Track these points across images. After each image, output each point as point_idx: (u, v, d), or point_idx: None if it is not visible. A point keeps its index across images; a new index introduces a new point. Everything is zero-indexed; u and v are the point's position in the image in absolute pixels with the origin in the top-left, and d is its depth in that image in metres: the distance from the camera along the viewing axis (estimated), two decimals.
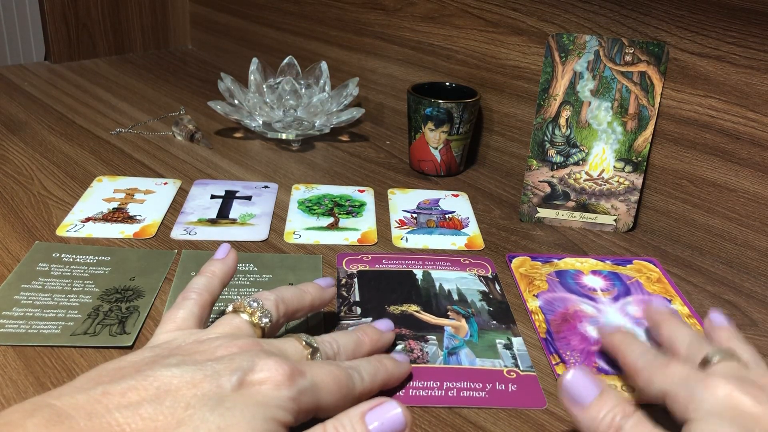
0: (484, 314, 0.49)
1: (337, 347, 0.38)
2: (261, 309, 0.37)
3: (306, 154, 0.76)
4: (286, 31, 0.97)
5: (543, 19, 0.66)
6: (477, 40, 0.73)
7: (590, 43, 0.60)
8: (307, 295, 0.41)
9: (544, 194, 0.64)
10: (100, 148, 0.74)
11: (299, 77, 0.81)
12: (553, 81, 0.61)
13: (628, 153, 0.61)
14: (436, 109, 0.68)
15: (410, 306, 0.50)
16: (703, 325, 0.50)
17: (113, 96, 0.91)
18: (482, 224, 0.63)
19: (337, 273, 0.53)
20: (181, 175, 0.69)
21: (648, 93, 0.60)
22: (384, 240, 0.59)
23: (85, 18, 1.03)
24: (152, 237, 0.57)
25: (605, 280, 0.54)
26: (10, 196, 0.62)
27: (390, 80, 0.84)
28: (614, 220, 0.63)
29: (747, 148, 0.56)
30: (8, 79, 0.94)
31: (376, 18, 0.83)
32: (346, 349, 0.39)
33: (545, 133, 0.63)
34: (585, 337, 0.47)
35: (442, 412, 0.40)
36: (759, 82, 0.54)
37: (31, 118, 0.81)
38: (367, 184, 0.69)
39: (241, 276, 0.52)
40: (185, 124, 0.78)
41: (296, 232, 0.59)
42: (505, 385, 0.42)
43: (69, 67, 1.01)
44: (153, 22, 1.11)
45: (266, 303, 0.38)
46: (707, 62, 0.56)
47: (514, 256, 0.57)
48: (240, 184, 0.68)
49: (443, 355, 0.45)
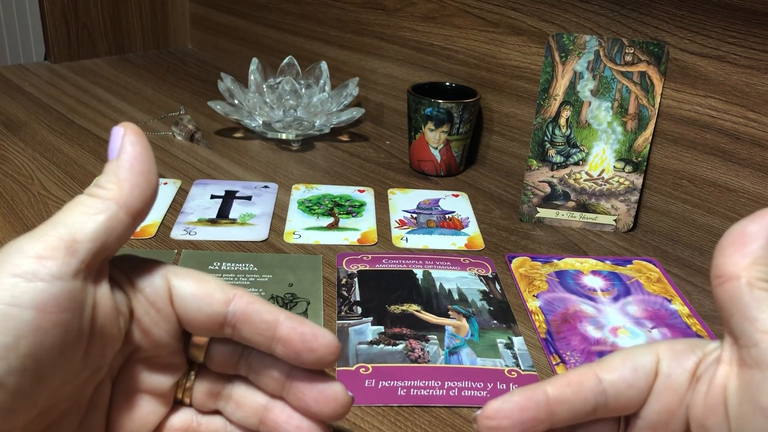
0: (485, 314, 0.49)
1: None
2: None
3: (306, 154, 0.76)
4: (286, 31, 0.97)
5: (543, 19, 0.66)
6: (477, 40, 0.73)
7: (590, 43, 0.60)
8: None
9: (544, 194, 0.64)
10: (100, 148, 0.74)
11: (299, 77, 0.81)
12: (553, 81, 0.61)
13: (628, 153, 0.62)
14: (436, 109, 0.68)
15: (411, 305, 0.50)
16: (703, 324, 0.50)
17: (113, 96, 0.91)
18: (482, 224, 0.63)
19: (337, 273, 0.53)
20: (181, 175, 0.69)
21: (648, 93, 0.60)
22: (384, 240, 0.59)
23: (85, 18, 1.03)
24: (152, 237, 0.57)
25: (605, 280, 0.54)
26: (10, 196, 0.62)
27: (390, 80, 0.84)
28: (614, 220, 0.63)
29: (747, 148, 0.56)
30: (8, 79, 0.94)
31: (376, 18, 0.83)
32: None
33: (545, 133, 0.63)
34: (585, 337, 0.47)
35: (442, 412, 0.40)
36: (759, 82, 0.54)
37: (31, 118, 0.81)
38: (367, 184, 0.69)
39: (241, 276, 0.52)
40: (185, 124, 0.78)
41: (296, 232, 0.59)
42: (506, 384, 0.42)
43: (69, 67, 1.01)
44: (153, 22, 1.11)
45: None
46: (707, 62, 0.56)
47: (514, 256, 0.57)
48: (240, 184, 0.68)
49: (444, 354, 0.45)
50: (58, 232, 0.26)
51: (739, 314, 0.26)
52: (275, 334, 0.30)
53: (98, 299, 0.27)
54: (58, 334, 0.25)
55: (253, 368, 0.32)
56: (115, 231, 0.27)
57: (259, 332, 0.30)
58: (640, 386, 0.28)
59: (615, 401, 0.29)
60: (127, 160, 0.28)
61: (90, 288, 0.27)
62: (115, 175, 0.28)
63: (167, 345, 0.30)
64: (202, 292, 0.29)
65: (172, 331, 0.30)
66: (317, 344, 0.29)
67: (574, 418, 0.29)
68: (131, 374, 0.31)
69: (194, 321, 0.30)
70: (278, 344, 0.30)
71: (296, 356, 0.30)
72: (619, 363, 0.29)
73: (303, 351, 0.29)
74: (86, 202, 0.27)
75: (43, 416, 0.27)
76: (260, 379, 0.32)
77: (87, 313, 0.26)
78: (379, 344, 0.45)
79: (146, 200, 0.28)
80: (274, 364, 0.31)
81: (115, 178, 0.28)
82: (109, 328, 0.28)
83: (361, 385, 0.42)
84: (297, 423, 0.31)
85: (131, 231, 0.28)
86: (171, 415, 0.32)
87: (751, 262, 0.26)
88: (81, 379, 0.28)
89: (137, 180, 0.28)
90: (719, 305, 0.27)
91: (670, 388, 0.28)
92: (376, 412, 0.40)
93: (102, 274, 0.28)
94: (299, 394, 0.31)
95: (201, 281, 0.30)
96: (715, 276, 0.27)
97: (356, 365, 0.43)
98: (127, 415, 0.31)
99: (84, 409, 0.29)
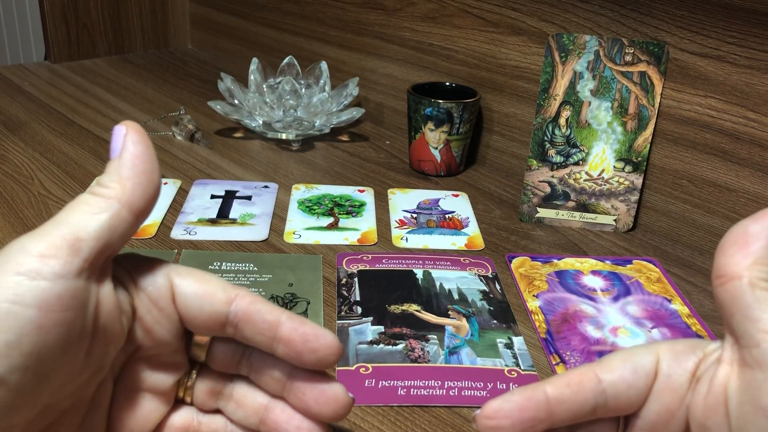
0: (485, 313, 0.49)
1: None
2: None
3: (306, 154, 0.76)
4: (286, 31, 0.97)
5: (543, 19, 0.66)
6: (477, 40, 0.73)
7: (590, 43, 0.60)
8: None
9: (544, 194, 0.64)
10: (100, 148, 0.74)
11: (299, 77, 0.81)
12: (553, 81, 0.61)
13: (628, 153, 0.62)
14: (436, 109, 0.68)
15: (411, 305, 0.50)
16: (703, 324, 0.50)
17: (113, 96, 0.91)
18: (482, 224, 0.63)
19: (337, 272, 0.53)
20: (181, 175, 0.69)
21: (648, 93, 0.60)
22: (384, 240, 0.59)
23: (85, 18, 1.03)
24: (152, 237, 0.57)
25: (605, 280, 0.54)
26: (10, 196, 0.62)
27: (390, 80, 0.84)
28: (614, 220, 0.63)
29: (747, 148, 0.56)
30: (8, 79, 0.94)
31: (376, 18, 0.83)
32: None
33: (545, 133, 0.63)
34: (585, 337, 0.47)
35: (442, 411, 0.40)
36: (759, 82, 0.54)
37: (31, 118, 0.81)
38: (367, 184, 0.69)
39: (241, 276, 0.52)
40: (185, 124, 0.78)
41: (296, 232, 0.59)
42: (506, 384, 0.42)
43: (69, 67, 1.01)
44: (153, 22, 1.11)
45: None
46: (707, 62, 0.56)
47: (514, 256, 0.57)
48: (240, 184, 0.68)
49: (444, 354, 0.45)
50: (61, 231, 0.26)
51: (740, 314, 0.26)
52: (277, 335, 0.30)
53: (101, 298, 0.27)
54: (61, 333, 0.25)
55: (254, 368, 0.32)
56: (118, 229, 0.27)
57: (260, 332, 0.30)
58: (640, 386, 0.28)
59: (615, 401, 0.28)
60: (130, 159, 0.28)
61: (93, 287, 0.27)
62: (117, 174, 0.28)
63: (169, 344, 0.30)
64: (204, 292, 0.29)
65: (173, 330, 0.30)
66: (318, 345, 0.29)
67: (573, 418, 0.29)
68: (133, 373, 0.31)
69: (196, 320, 0.30)
70: (280, 344, 0.30)
71: (297, 356, 0.30)
72: (619, 363, 0.29)
73: (304, 351, 0.29)
74: (89, 201, 0.27)
75: (45, 414, 0.27)
76: (261, 379, 0.32)
77: (90, 311, 0.26)
78: (379, 344, 0.45)
79: (149, 199, 0.28)
80: (275, 364, 0.31)
81: (118, 176, 0.28)
82: (112, 326, 0.28)
83: (361, 384, 0.42)
84: (297, 423, 0.31)
85: (134, 229, 0.28)
86: (172, 414, 0.33)
87: (753, 263, 0.26)
88: (83, 377, 0.28)
89: (140, 179, 0.28)
90: (720, 305, 0.27)
91: (670, 389, 0.28)
92: (376, 411, 0.40)
93: (105, 272, 0.28)
94: (300, 395, 0.31)
95: (203, 280, 0.30)
96: (716, 276, 0.27)
97: (356, 365, 0.43)
98: (129, 413, 0.31)
99: (85, 407, 0.29)
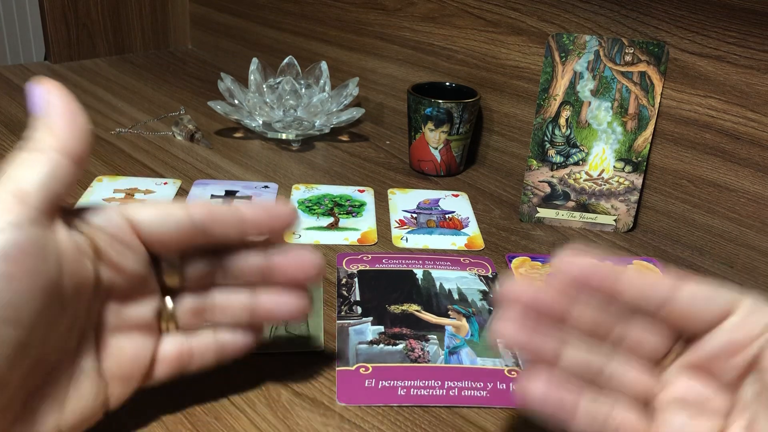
0: (485, 313, 0.49)
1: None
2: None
3: (306, 154, 0.76)
4: (286, 31, 0.97)
5: (543, 19, 0.66)
6: (477, 40, 0.73)
7: (590, 43, 0.60)
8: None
9: (544, 194, 0.64)
10: (100, 148, 0.74)
11: (299, 77, 0.81)
12: (553, 81, 0.61)
13: (628, 153, 0.62)
14: (436, 109, 0.68)
15: (411, 305, 0.50)
16: None
17: (113, 96, 0.91)
18: (482, 224, 0.63)
19: (337, 272, 0.53)
20: (181, 175, 0.69)
21: (648, 93, 0.60)
22: (384, 240, 0.59)
23: (85, 18, 1.03)
24: None
25: None
26: None
27: (390, 80, 0.84)
28: (614, 220, 0.63)
29: (747, 148, 0.56)
30: (8, 79, 0.94)
31: (376, 18, 0.83)
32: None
33: (545, 133, 0.63)
34: None
35: (442, 412, 0.40)
36: (759, 82, 0.54)
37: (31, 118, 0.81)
38: (367, 184, 0.69)
39: None
40: (185, 124, 0.78)
41: (296, 232, 0.59)
42: (506, 384, 0.42)
43: (69, 67, 1.01)
44: (153, 22, 1.11)
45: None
46: (707, 62, 0.56)
47: (514, 256, 0.57)
48: (240, 184, 0.68)
49: (444, 354, 0.45)
50: (7, 187, 0.28)
51: None
52: (243, 218, 0.34)
53: (60, 243, 0.29)
54: (31, 281, 0.27)
55: (230, 270, 0.35)
56: (59, 176, 0.29)
57: (229, 225, 0.34)
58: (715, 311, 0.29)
59: (687, 310, 0.29)
60: (57, 112, 0.30)
61: (49, 233, 0.29)
62: (48, 128, 0.30)
63: (138, 275, 0.32)
64: (161, 212, 0.32)
65: (140, 260, 0.32)
66: (279, 210, 0.35)
67: (641, 298, 0.30)
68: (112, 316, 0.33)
69: (164, 238, 0.32)
70: (248, 225, 0.34)
71: (268, 226, 0.35)
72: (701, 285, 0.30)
73: (271, 220, 0.35)
74: (27, 157, 0.29)
75: (36, 369, 0.29)
76: (241, 276, 0.35)
77: (52, 257, 0.28)
78: (379, 344, 0.45)
79: (84, 142, 0.30)
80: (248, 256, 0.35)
81: (49, 129, 0.30)
82: (77, 269, 0.29)
83: (361, 384, 0.42)
84: (285, 300, 0.36)
85: (76, 174, 0.30)
86: (162, 346, 0.35)
87: None
88: (63, 326, 0.30)
89: (70, 126, 0.30)
90: None
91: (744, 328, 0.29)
92: (376, 412, 0.40)
93: (57, 219, 0.30)
94: (283, 268, 0.36)
95: (155, 204, 0.33)
96: None
97: (356, 365, 0.43)
98: (119, 357, 0.33)
99: (72, 359, 0.31)
